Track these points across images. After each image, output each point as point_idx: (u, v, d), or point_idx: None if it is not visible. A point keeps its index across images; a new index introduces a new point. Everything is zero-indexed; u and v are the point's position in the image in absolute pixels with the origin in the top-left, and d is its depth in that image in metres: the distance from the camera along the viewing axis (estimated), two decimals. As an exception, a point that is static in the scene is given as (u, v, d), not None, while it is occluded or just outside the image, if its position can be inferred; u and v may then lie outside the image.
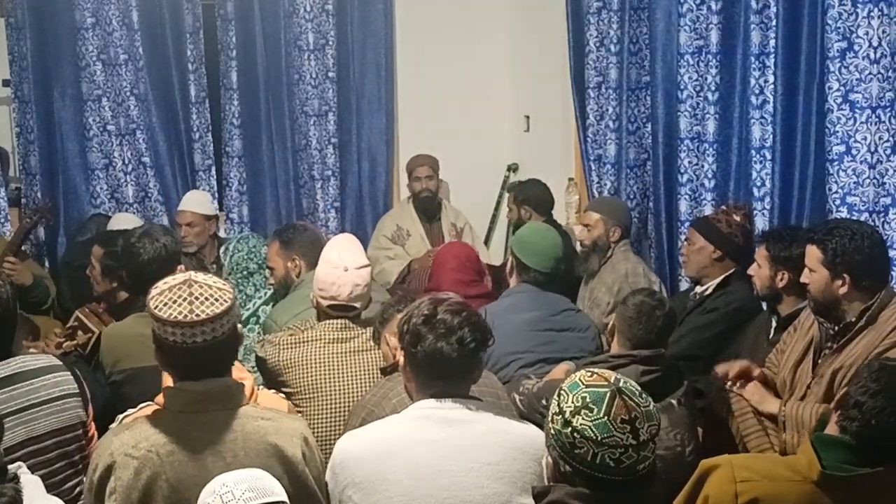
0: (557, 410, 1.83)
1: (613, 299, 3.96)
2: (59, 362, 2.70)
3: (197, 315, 2.15)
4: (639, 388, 1.86)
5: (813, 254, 2.86)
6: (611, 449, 1.76)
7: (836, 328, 2.86)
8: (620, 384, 1.82)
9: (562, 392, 1.85)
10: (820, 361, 2.91)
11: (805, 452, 2.14)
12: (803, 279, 2.93)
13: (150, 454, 2.16)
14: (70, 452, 2.61)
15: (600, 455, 1.76)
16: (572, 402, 1.81)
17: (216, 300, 2.18)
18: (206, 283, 2.21)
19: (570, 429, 1.79)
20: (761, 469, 2.15)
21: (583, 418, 1.78)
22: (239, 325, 2.32)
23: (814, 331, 2.97)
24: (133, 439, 2.19)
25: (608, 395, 1.79)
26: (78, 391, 2.66)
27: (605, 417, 1.77)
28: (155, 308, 2.17)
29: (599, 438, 1.76)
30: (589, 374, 1.87)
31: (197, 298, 2.16)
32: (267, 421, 2.26)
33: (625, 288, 3.85)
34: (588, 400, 1.80)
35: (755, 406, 2.98)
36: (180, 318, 2.14)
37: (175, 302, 2.16)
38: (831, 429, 2.17)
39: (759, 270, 3.37)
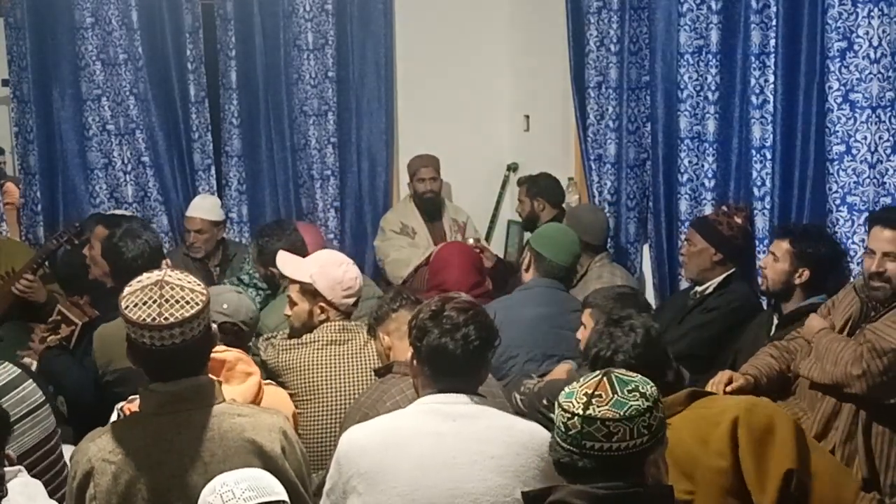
0: None
1: None
2: (17, 371, 2.56)
3: (166, 318, 2.11)
4: (636, 387, 1.84)
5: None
6: (562, 412, 1.84)
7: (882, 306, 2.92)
8: (614, 371, 1.88)
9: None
10: (857, 332, 2.95)
11: None
12: (878, 268, 2.91)
13: (128, 458, 2.15)
14: (54, 461, 2.53)
15: (558, 417, 1.85)
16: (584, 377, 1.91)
17: (187, 303, 2.14)
18: (179, 285, 2.17)
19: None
20: None
21: (569, 387, 1.88)
22: (214, 326, 2.31)
23: (853, 310, 3.00)
24: (110, 444, 2.17)
25: (598, 374, 1.87)
26: (45, 398, 2.56)
27: (577, 387, 1.86)
28: (125, 309, 2.14)
29: (560, 401, 1.86)
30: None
31: (167, 301, 2.13)
32: (244, 417, 2.24)
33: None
34: (584, 378, 1.89)
35: None
36: (149, 320, 2.11)
37: (145, 304, 2.13)
38: None
39: (775, 264, 3.35)
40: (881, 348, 2.77)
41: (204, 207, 4.78)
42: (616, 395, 1.82)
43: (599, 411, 1.80)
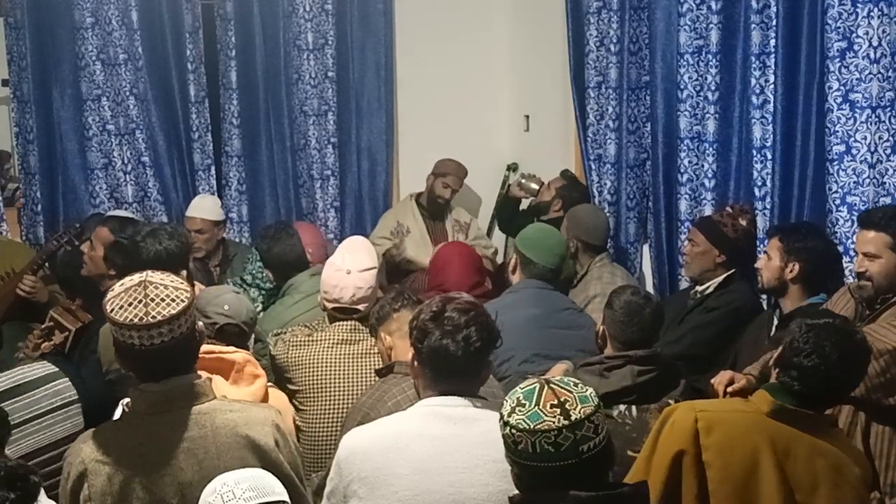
0: (500, 417, 1.90)
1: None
2: (55, 369, 2.65)
3: (153, 317, 2.13)
4: (574, 381, 1.90)
5: (880, 240, 2.93)
6: (544, 434, 1.80)
7: (879, 303, 2.93)
8: (551, 380, 1.88)
9: (504, 402, 1.91)
10: None
11: (760, 394, 2.43)
12: (860, 268, 2.97)
13: (122, 459, 2.15)
14: None
15: (538, 444, 1.81)
16: (509, 405, 1.87)
17: (172, 300, 2.16)
18: (162, 284, 2.18)
19: (508, 428, 1.86)
20: (718, 404, 2.52)
21: (517, 414, 1.84)
22: (200, 324, 2.31)
23: (849, 312, 3.02)
24: (103, 445, 2.18)
25: (537, 388, 1.86)
26: (77, 397, 2.62)
27: (536, 407, 1.82)
28: (111, 311, 2.15)
29: (532, 427, 1.81)
30: (523, 379, 1.94)
31: (153, 300, 2.14)
32: (236, 413, 2.26)
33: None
34: (521, 397, 1.86)
35: None
36: (136, 320, 2.12)
37: (130, 304, 2.14)
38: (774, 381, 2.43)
39: (769, 262, 3.38)
40: (878, 349, 2.78)
41: (204, 207, 4.79)
42: (574, 394, 1.84)
43: (581, 411, 1.81)
